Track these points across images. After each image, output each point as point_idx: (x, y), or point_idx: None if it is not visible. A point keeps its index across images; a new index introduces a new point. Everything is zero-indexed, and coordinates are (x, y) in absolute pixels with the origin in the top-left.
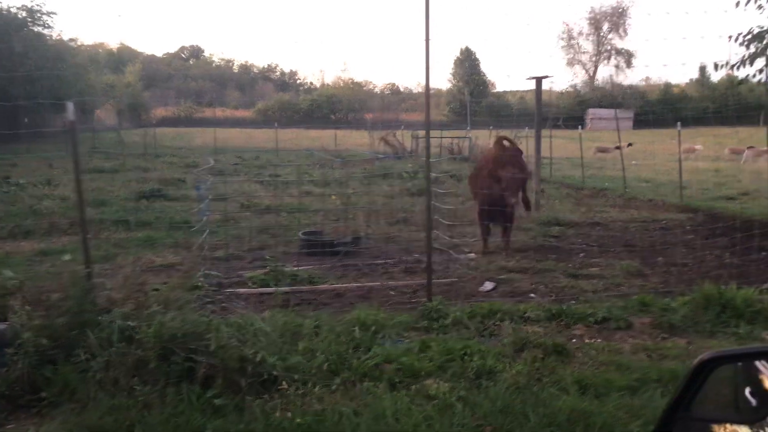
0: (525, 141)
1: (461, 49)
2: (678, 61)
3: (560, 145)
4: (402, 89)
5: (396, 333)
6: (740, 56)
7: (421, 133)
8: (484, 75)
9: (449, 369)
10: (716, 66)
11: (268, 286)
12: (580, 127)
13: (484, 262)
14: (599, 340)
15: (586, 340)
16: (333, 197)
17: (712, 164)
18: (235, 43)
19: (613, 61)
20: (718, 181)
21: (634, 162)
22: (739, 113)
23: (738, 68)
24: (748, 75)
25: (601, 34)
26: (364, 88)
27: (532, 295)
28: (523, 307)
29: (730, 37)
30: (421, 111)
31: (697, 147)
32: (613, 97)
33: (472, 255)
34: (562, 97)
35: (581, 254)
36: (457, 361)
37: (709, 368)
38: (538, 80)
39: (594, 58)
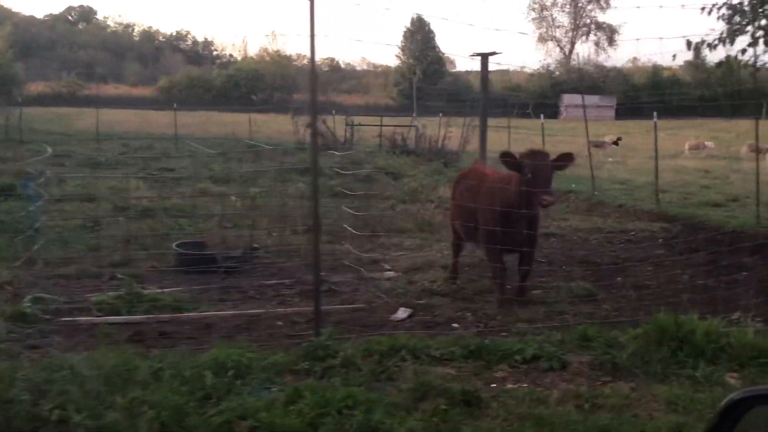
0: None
1: (412, 19)
2: (667, 37)
3: (522, 138)
4: (343, 65)
5: (266, 378)
6: (719, 32)
7: (357, 119)
8: (440, 51)
9: (322, 427)
10: (689, 44)
11: (118, 313)
12: (542, 116)
13: (404, 282)
14: (524, 385)
15: (508, 385)
16: (234, 198)
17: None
18: (137, 4)
19: (592, 37)
20: (707, 184)
21: (610, 159)
22: (739, 101)
23: (714, 47)
24: (729, 56)
25: (579, 4)
26: (296, 63)
27: (455, 325)
28: (437, 341)
29: (703, 8)
30: (364, 93)
31: (708, 143)
32: (592, 81)
33: (392, 273)
34: (532, 79)
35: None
36: (333, 416)
37: (742, 409)
38: (484, 57)
39: (570, 34)
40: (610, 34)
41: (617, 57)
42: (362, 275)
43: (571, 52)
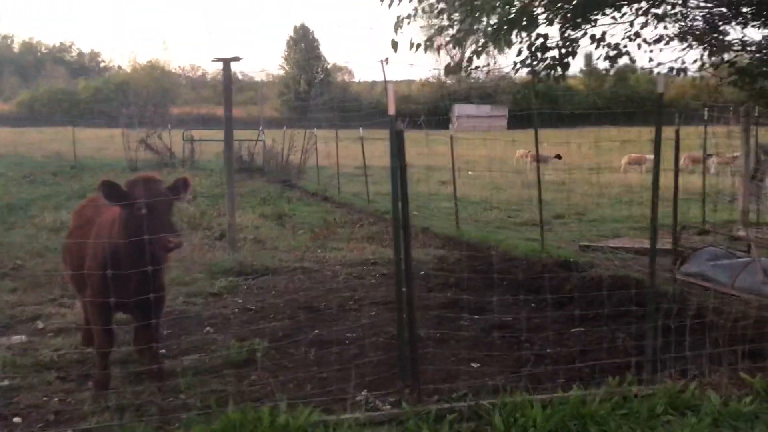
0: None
1: (295, 27)
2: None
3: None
4: (240, 76)
5: None
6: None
7: (196, 134)
8: (326, 60)
9: None
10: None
11: None
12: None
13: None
14: None
15: None
16: None
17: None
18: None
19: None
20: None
21: (470, 172)
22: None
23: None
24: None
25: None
26: (187, 74)
27: (16, 419)
28: None
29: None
30: (260, 104)
31: (649, 156)
32: (483, 90)
33: (21, 339)
34: (423, 89)
35: (207, 329)
36: None
37: None
38: (226, 63)
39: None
40: None
41: (508, 65)
42: None
43: (461, 59)
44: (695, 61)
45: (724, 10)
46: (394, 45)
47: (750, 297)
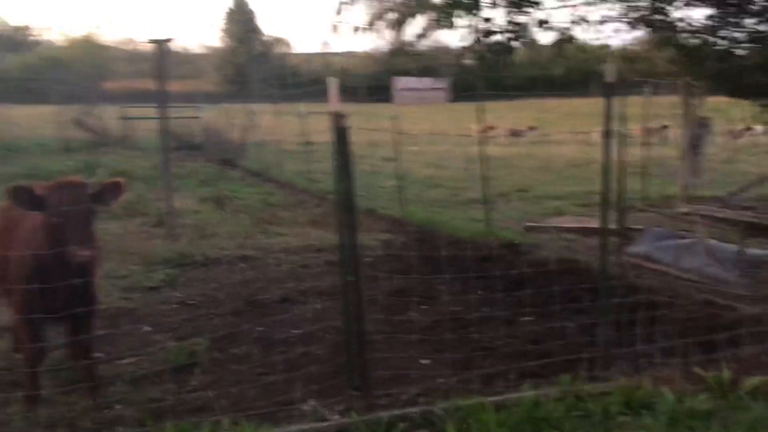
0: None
1: None
2: None
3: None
4: (180, 50)
5: None
6: None
7: (132, 111)
8: (262, 33)
9: None
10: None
11: None
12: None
13: None
14: None
15: None
16: None
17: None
18: None
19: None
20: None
21: (414, 147)
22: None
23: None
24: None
25: None
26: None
27: None
28: None
29: None
30: (198, 78)
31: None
32: (423, 62)
33: None
34: (363, 62)
35: (145, 328)
36: None
37: None
38: (160, 43)
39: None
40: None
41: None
42: None
43: (401, 30)
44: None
45: None
46: (336, 28)
47: (695, 279)
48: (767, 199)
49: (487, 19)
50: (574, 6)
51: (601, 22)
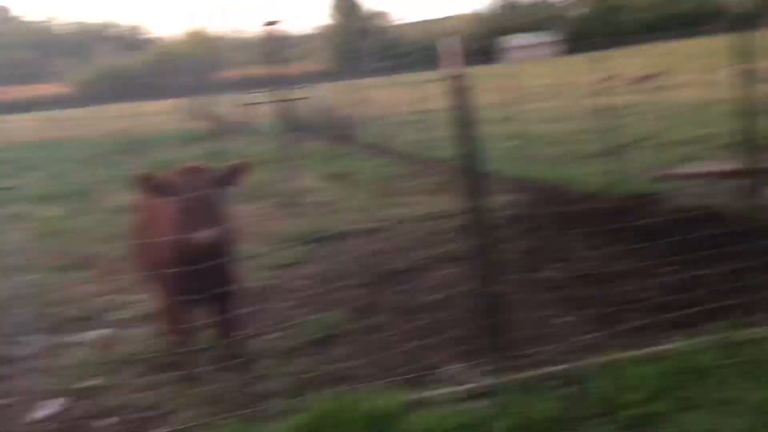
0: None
1: None
2: None
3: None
4: (289, 33)
5: None
6: None
7: (247, 97)
8: (365, 8)
9: None
10: None
11: None
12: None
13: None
14: None
15: None
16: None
17: None
18: None
19: None
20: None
21: (530, 105)
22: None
23: None
24: None
25: None
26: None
27: (108, 420)
28: None
29: None
30: (305, 59)
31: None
32: (531, 18)
33: (102, 332)
34: (470, 24)
35: (283, 304)
36: None
37: None
38: (270, 26)
39: None
40: None
41: None
42: (55, 341)
43: None
44: None
45: None
46: None
47: None
48: None
49: None
50: None
51: None
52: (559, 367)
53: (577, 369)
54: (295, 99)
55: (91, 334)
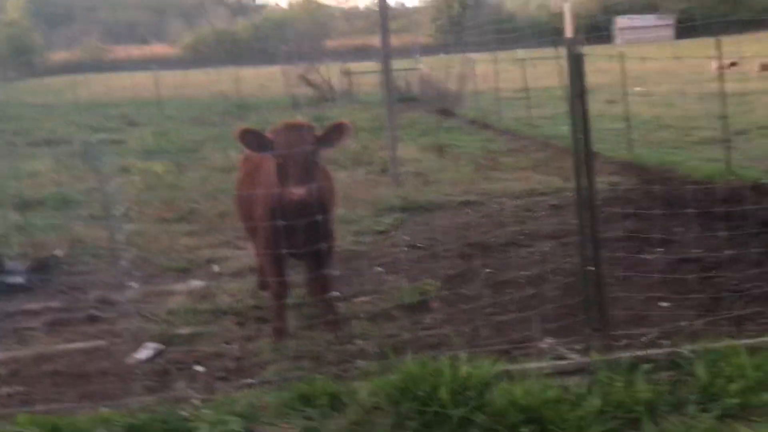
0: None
1: None
2: None
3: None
4: (393, 4)
5: None
6: None
7: (353, 66)
8: None
9: None
10: None
11: None
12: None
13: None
14: None
15: None
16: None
17: None
18: None
19: None
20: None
21: (637, 89)
22: None
23: None
24: None
25: None
26: (341, 5)
27: (199, 367)
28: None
29: None
30: (408, 32)
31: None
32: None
33: (197, 284)
34: (581, 3)
35: (377, 269)
36: None
37: None
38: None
39: None
40: None
41: None
42: (155, 289)
43: None
44: None
45: None
46: None
47: None
48: None
49: None
50: None
51: None
52: (656, 351)
53: (675, 354)
54: (400, 69)
55: (191, 284)
